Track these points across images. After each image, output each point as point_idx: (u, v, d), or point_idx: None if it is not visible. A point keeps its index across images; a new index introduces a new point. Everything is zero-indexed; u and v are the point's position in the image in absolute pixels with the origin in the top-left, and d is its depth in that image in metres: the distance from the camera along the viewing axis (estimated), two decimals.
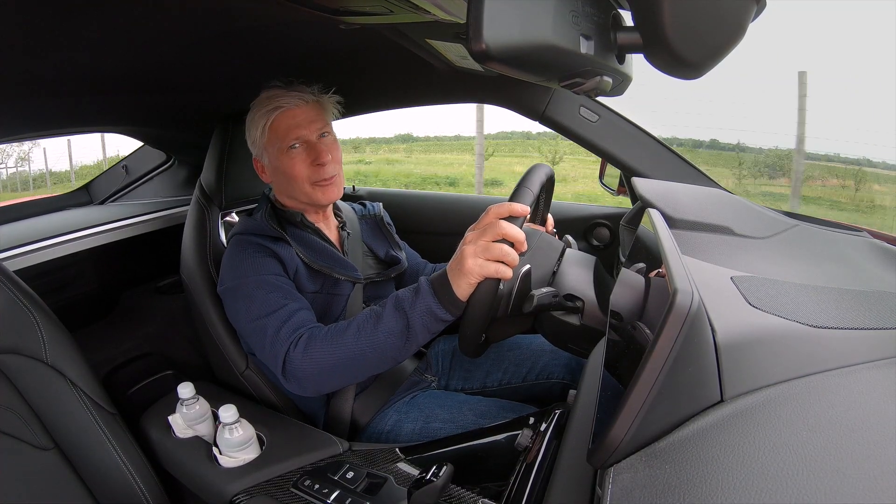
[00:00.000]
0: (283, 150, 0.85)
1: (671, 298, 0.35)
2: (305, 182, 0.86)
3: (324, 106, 0.89)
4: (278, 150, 0.86)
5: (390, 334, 0.68)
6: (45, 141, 1.35)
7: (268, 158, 0.89)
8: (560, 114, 1.02)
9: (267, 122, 0.85)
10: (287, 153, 0.85)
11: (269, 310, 0.77)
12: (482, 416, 0.85)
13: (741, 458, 0.32)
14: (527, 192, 0.68)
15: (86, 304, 1.30)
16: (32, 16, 0.54)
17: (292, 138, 0.85)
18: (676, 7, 0.32)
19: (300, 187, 0.87)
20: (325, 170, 0.86)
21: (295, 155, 0.85)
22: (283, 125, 0.85)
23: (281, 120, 0.85)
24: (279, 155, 0.86)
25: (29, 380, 0.77)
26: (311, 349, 0.71)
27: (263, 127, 0.86)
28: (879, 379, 0.39)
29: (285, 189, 0.90)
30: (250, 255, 0.83)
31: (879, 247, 0.79)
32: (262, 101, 0.86)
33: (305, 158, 0.86)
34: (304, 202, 0.90)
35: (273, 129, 0.85)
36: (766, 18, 0.39)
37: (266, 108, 0.85)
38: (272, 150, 0.87)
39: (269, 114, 0.84)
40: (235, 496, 0.73)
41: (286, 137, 0.85)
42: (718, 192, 0.94)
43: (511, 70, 0.34)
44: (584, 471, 0.48)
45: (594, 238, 1.27)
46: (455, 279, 0.65)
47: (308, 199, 0.89)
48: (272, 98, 0.85)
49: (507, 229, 0.63)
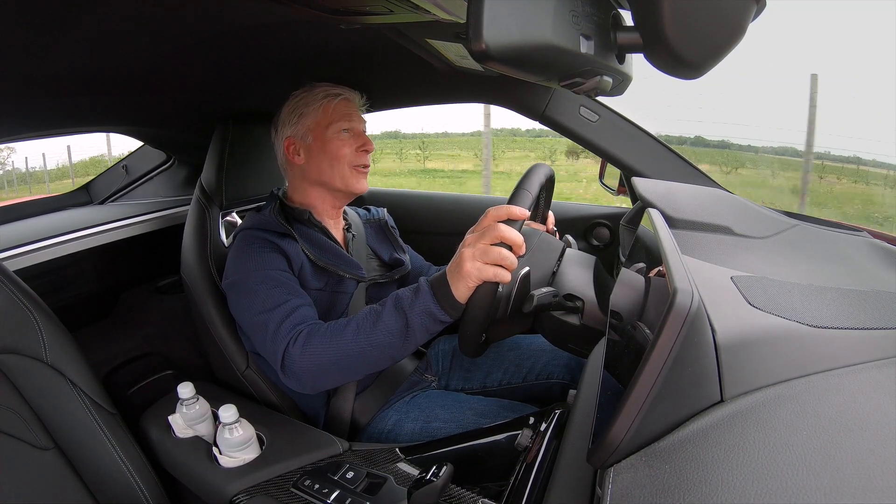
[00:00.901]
0: (336, 131, 0.91)
1: (671, 298, 0.35)
2: (347, 164, 0.91)
3: (360, 107, 0.97)
4: (332, 131, 0.90)
5: (389, 333, 0.68)
6: (44, 141, 1.34)
7: (313, 137, 0.91)
8: (560, 114, 1.02)
9: (328, 104, 0.91)
10: (339, 135, 0.91)
11: (271, 305, 0.77)
12: (482, 416, 0.85)
13: (741, 458, 0.32)
14: (525, 195, 0.68)
15: (86, 304, 1.30)
16: (32, 16, 0.54)
17: (347, 123, 0.91)
18: (676, 7, 0.32)
19: (340, 169, 0.91)
20: (367, 157, 0.93)
21: (346, 139, 0.91)
22: (341, 110, 0.91)
23: (340, 105, 0.92)
24: (331, 136, 0.90)
25: (29, 380, 0.77)
26: (309, 346, 0.71)
27: (323, 107, 0.91)
28: (879, 379, 0.39)
29: (319, 171, 0.92)
30: (256, 250, 0.84)
31: (879, 247, 0.79)
32: (318, 88, 0.92)
33: (353, 143, 0.92)
34: (336, 187, 0.93)
35: (331, 111, 0.91)
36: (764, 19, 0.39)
37: (326, 91, 0.91)
38: (323, 130, 0.91)
39: (330, 98, 0.91)
40: (235, 496, 0.72)
41: (342, 121, 0.91)
42: (718, 192, 0.94)
43: (511, 70, 0.34)
44: (584, 471, 0.48)
45: (594, 238, 1.27)
46: (454, 281, 0.65)
47: (343, 184, 0.92)
48: (329, 87, 0.92)
49: (506, 233, 0.63)
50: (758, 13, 0.36)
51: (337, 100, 0.91)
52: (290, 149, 0.93)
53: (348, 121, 0.92)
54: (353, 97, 0.94)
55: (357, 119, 0.94)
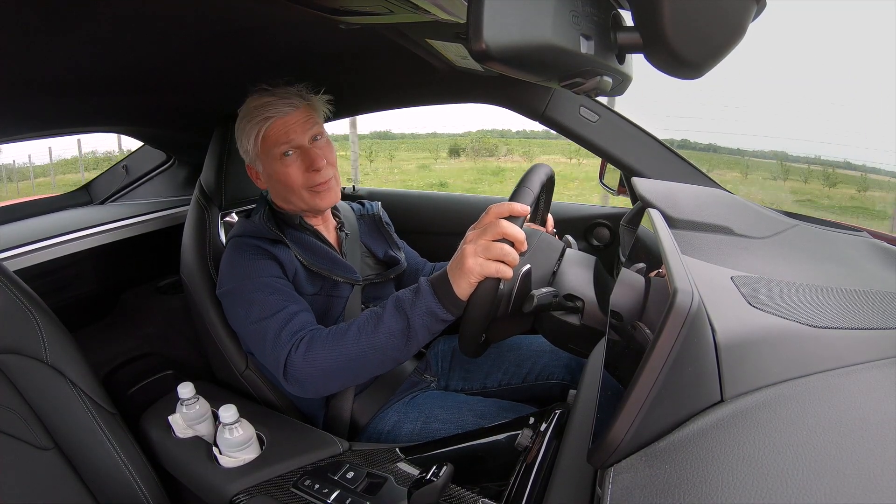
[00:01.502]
0: (276, 157, 0.84)
1: (671, 298, 0.35)
2: (302, 189, 0.86)
3: (314, 107, 0.88)
4: (272, 159, 0.85)
5: (391, 335, 0.68)
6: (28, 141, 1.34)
7: (262, 166, 0.88)
8: (560, 114, 1.02)
9: (259, 133, 0.84)
10: (281, 160, 0.84)
11: (269, 312, 0.77)
12: (482, 417, 0.85)
13: (741, 458, 0.32)
14: (527, 192, 0.69)
15: (86, 304, 1.30)
16: (33, 16, 0.54)
17: (284, 145, 0.84)
18: (676, 7, 0.32)
19: (297, 194, 0.86)
20: (320, 174, 0.85)
21: (290, 162, 0.84)
22: (274, 134, 0.83)
23: (272, 129, 0.83)
24: (273, 163, 0.85)
25: (29, 380, 0.77)
26: (312, 352, 0.71)
27: (255, 137, 0.84)
28: (879, 379, 0.39)
29: (283, 195, 0.89)
30: (249, 257, 0.83)
31: (879, 247, 0.79)
32: (251, 109, 0.84)
33: (301, 165, 0.85)
34: (302, 209, 0.90)
35: (265, 139, 0.84)
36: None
37: (256, 118, 0.83)
38: (265, 158, 0.86)
39: (260, 124, 0.83)
40: (235, 496, 0.72)
41: (279, 145, 0.84)
42: (718, 192, 0.94)
43: (511, 70, 0.34)
44: (584, 471, 0.48)
45: (594, 238, 1.27)
46: (455, 279, 0.64)
47: (307, 206, 0.88)
48: (261, 107, 0.83)
49: (508, 228, 0.63)
50: (758, 13, 0.36)
51: (268, 124, 0.83)
52: (252, 173, 0.92)
53: (286, 142, 0.83)
54: (289, 108, 0.83)
55: (299, 133, 0.84)
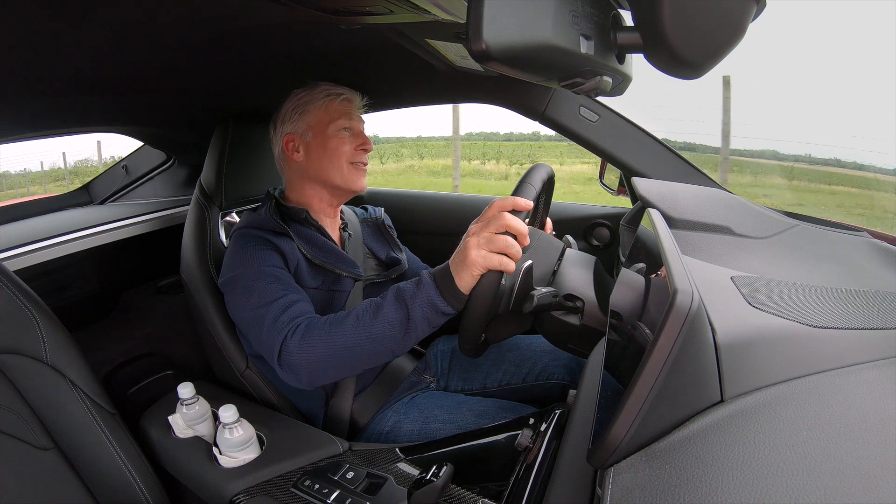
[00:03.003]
0: (336, 129, 0.92)
1: (671, 298, 0.35)
2: (345, 162, 0.92)
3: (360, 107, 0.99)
4: (333, 129, 0.92)
5: (390, 325, 0.67)
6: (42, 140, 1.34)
7: (313, 135, 0.92)
8: (560, 114, 1.02)
9: (330, 102, 0.92)
10: (338, 133, 0.92)
11: (268, 299, 0.77)
12: (482, 417, 0.85)
13: (741, 458, 0.32)
14: (529, 188, 0.69)
15: (86, 304, 1.30)
16: (33, 16, 0.54)
17: (348, 122, 0.93)
18: (676, 7, 0.32)
19: (339, 166, 0.92)
20: (365, 155, 0.95)
21: (345, 137, 0.93)
22: (341, 109, 0.93)
23: (342, 105, 0.93)
24: (331, 133, 0.92)
25: (29, 380, 0.77)
26: (308, 337, 0.71)
27: (325, 106, 0.92)
28: (879, 379, 0.39)
29: (318, 168, 0.93)
30: (252, 247, 0.84)
31: (879, 247, 0.79)
32: (318, 86, 0.94)
33: (352, 142, 0.94)
34: (335, 185, 0.93)
35: (333, 110, 0.92)
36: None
37: (328, 90, 0.93)
38: (324, 128, 0.92)
39: (332, 97, 0.93)
40: (235, 496, 0.72)
41: (341, 119, 0.92)
42: (718, 192, 0.94)
43: (511, 70, 0.34)
44: (584, 471, 0.48)
45: (594, 238, 1.27)
46: (458, 271, 0.65)
47: (342, 181, 0.93)
48: (331, 86, 0.94)
49: (511, 221, 0.63)
50: (758, 13, 0.36)
51: (339, 99, 0.93)
52: (290, 146, 0.93)
53: (349, 119, 0.93)
54: (354, 97, 0.96)
55: (357, 119, 0.95)
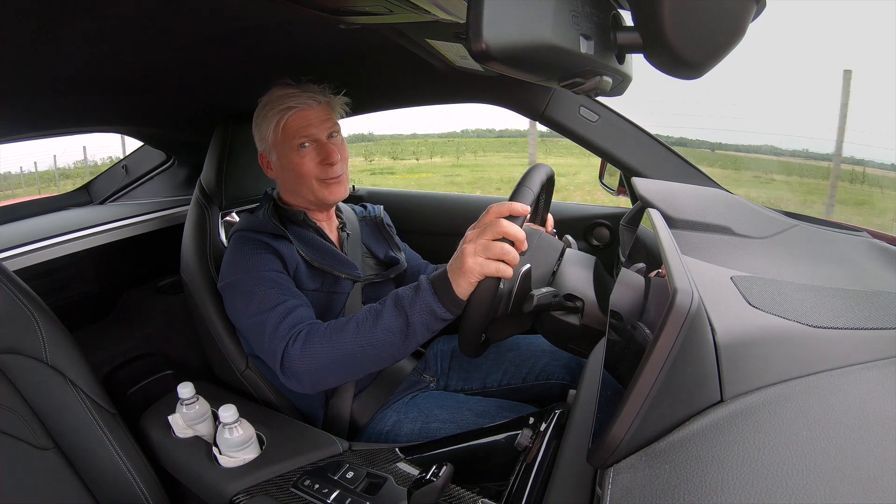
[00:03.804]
0: (293, 147, 0.87)
1: (671, 298, 0.35)
2: (313, 180, 0.88)
3: (333, 106, 0.90)
4: (288, 148, 0.87)
5: (389, 332, 0.68)
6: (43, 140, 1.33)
7: (276, 155, 0.90)
8: (560, 114, 1.02)
9: (279, 121, 0.86)
10: (297, 151, 0.87)
11: (268, 306, 0.77)
12: (482, 417, 0.85)
13: (741, 458, 0.32)
14: (527, 192, 0.69)
15: (86, 304, 1.30)
16: (33, 16, 0.54)
17: (303, 137, 0.86)
18: (676, 7, 0.32)
19: (308, 185, 0.88)
20: (333, 169, 0.88)
21: (305, 153, 0.87)
22: (294, 124, 0.86)
23: (293, 119, 0.86)
24: (289, 153, 0.87)
25: (29, 380, 0.77)
26: (309, 345, 0.71)
27: (275, 125, 0.86)
28: (879, 379, 0.39)
29: (292, 186, 0.91)
30: (251, 251, 0.84)
31: (879, 247, 0.79)
32: (274, 98, 0.86)
33: (315, 157, 0.87)
34: (310, 200, 0.91)
35: (285, 128, 0.86)
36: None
37: (279, 106, 0.86)
38: (282, 147, 0.88)
39: (282, 112, 0.85)
40: (235, 496, 0.72)
41: (297, 136, 0.86)
42: (718, 192, 0.94)
43: (511, 70, 0.34)
44: (584, 471, 0.48)
45: (594, 238, 1.27)
46: (455, 278, 0.65)
47: (315, 198, 0.90)
48: (284, 97, 0.86)
49: (508, 228, 0.63)
50: (758, 13, 0.36)
51: (289, 114, 0.85)
52: (263, 161, 0.93)
53: (305, 135, 0.86)
54: (311, 102, 0.86)
55: (318, 127, 0.87)
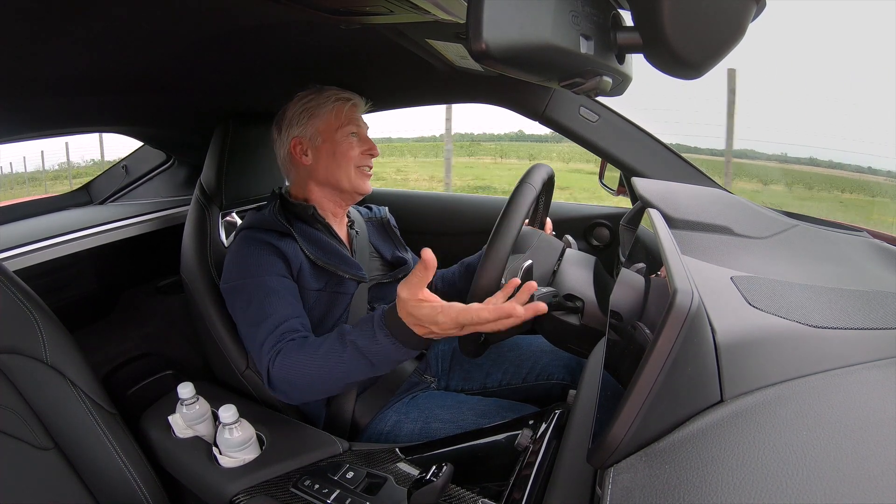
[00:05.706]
0: (346, 134, 0.94)
1: (671, 298, 0.35)
2: (353, 165, 0.94)
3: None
4: (341, 134, 0.93)
5: (355, 363, 0.69)
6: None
7: (322, 139, 0.93)
8: (560, 114, 1.02)
9: (338, 108, 0.94)
10: (347, 138, 0.94)
11: (262, 318, 0.79)
12: (482, 417, 0.85)
13: (741, 458, 0.32)
14: (529, 188, 0.69)
15: (86, 304, 1.30)
16: (33, 16, 0.54)
17: (354, 128, 0.95)
18: (676, 7, 0.32)
19: (347, 171, 0.93)
20: (371, 160, 0.97)
21: (353, 142, 0.94)
22: (350, 115, 0.95)
23: (350, 111, 0.95)
24: (341, 138, 0.93)
25: (29, 380, 0.77)
26: (286, 365, 0.73)
27: (331, 111, 0.93)
28: (879, 379, 0.39)
29: (327, 172, 0.94)
30: (255, 253, 0.84)
31: (879, 247, 0.79)
32: (325, 90, 0.95)
33: (359, 147, 0.95)
34: (343, 188, 0.94)
35: (342, 115, 0.94)
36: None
37: (336, 95, 0.95)
38: (333, 133, 0.93)
39: (341, 102, 0.94)
40: (235, 496, 0.72)
41: (350, 125, 0.94)
42: (718, 192, 0.94)
43: (511, 70, 0.34)
44: (584, 471, 0.48)
45: (594, 238, 1.27)
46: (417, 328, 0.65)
47: (350, 185, 0.94)
48: (338, 91, 0.95)
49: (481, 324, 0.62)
50: (758, 13, 0.36)
51: (347, 105, 0.95)
52: (298, 149, 0.94)
53: (357, 125, 0.95)
54: (360, 103, 0.97)
55: (363, 124, 0.97)
